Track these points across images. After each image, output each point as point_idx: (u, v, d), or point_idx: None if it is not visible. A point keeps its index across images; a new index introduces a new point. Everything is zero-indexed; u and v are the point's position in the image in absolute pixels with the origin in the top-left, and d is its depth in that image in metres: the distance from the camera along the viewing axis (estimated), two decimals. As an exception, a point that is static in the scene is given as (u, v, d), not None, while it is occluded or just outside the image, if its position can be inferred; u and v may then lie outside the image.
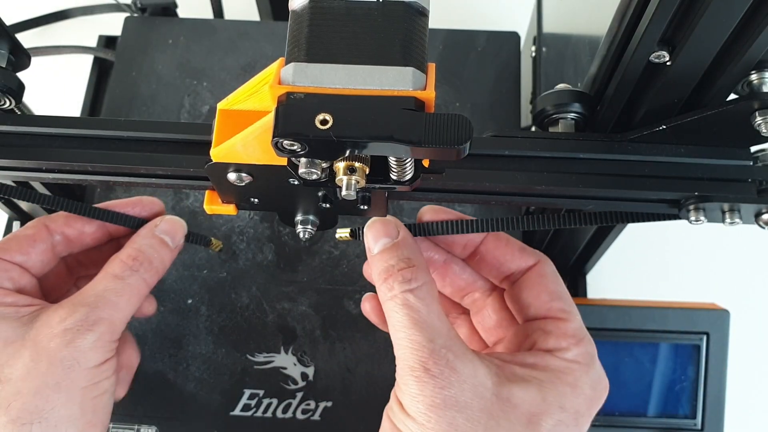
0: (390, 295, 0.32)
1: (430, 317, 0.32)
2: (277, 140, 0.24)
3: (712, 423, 0.51)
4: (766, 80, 0.31)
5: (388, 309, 0.32)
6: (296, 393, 0.48)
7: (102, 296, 0.36)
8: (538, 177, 0.33)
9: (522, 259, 0.36)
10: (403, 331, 0.32)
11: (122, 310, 0.36)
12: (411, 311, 0.32)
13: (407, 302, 0.32)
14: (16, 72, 0.38)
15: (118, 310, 0.36)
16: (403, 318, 0.32)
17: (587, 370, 0.33)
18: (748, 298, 0.64)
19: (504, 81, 0.56)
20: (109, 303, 0.36)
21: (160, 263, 0.39)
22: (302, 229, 0.35)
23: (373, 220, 0.34)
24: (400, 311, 0.32)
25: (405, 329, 0.31)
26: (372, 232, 0.34)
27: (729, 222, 0.33)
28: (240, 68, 0.58)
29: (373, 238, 0.34)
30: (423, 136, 0.23)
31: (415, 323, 0.31)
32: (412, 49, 0.25)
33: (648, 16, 0.28)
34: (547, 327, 0.34)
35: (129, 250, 0.38)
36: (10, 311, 0.36)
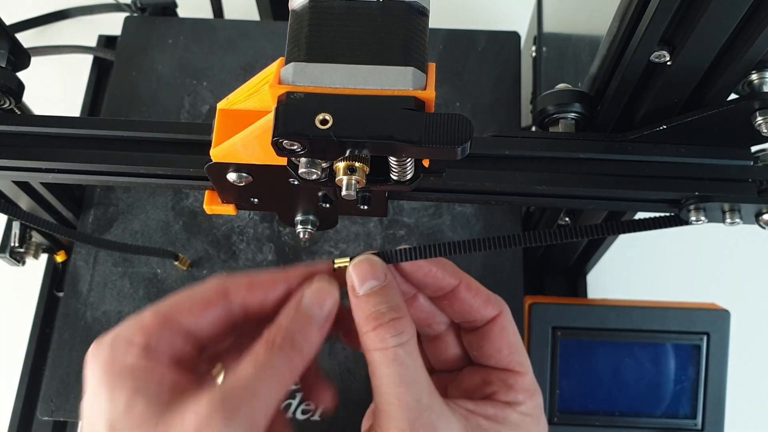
0: (380, 347, 0.32)
1: (417, 373, 0.32)
2: (277, 140, 0.24)
3: (712, 423, 0.51)
4: (766, 80, 0.31)
5: (375, 359, 0.32)
6: (296, 393, 0.48)
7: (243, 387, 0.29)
8: (538, 177, 0.33)
9: (487, 310, 0.36)
10: (392, 388, 0.31)
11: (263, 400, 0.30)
12: (401, 368, 0.31)
13: (397, 358, 0.32)
14: (16, 72, 0.38)
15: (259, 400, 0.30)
16: (393, 374, 0.31)
17: (538, 421, 0.35)
18: (748, 298, 0.64)
19: (504, 81, 0.56)
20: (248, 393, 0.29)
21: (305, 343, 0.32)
22: (302, 229, 0.35)
23: (359, 260, 0.33)
24: (390, 366, 0.31)
25: (395, 386, 0.31)
26: (358, 273, 0.33)
27: (729, 222, 0.33)
28: (240, 68, 0.58)
29: (359, 280, 0.33)
30: (423, 136, 0.23)
31: (403, 381, 0.31)
32: (413, 49, 0.25)
33: (648, 16, 0.28)
34: (507, 380, 0.35)
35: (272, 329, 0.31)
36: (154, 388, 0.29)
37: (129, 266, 0.51)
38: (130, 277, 0.51)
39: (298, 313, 0.32)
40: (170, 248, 0.51)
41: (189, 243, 0.52)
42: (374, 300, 0.32)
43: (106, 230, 0.52)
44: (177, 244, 0.52)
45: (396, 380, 0.31)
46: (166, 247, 0.51)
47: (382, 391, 0.32)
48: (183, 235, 0.52)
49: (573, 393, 0.52)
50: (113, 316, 0.50)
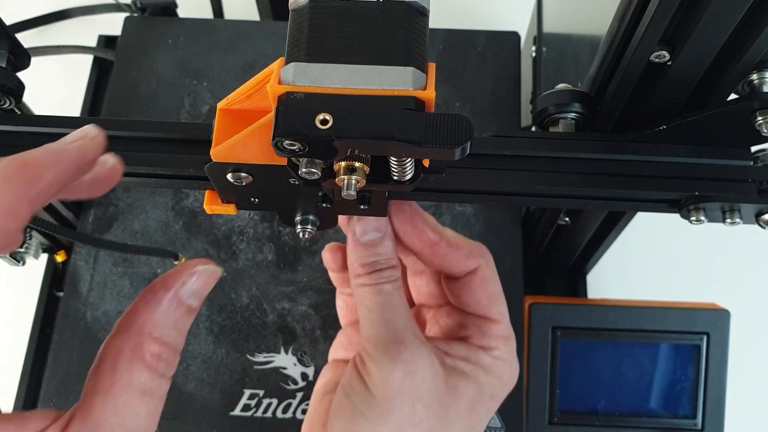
0: (372, 283, 0.33)
1: (402, 305, 0.34)
2: (278, 140, 0.24)
3: (712, 423, 0.51)
4: (766, 80, 0.31)
5: (364, 291, 0.34)
6: (296, 393, 0.48)
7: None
8: (539, 177, 0.33)
9: (468, 263, 0.36)
10: (380, 313, 0.33)
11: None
12: (389, 297, 0.33)
13: (386, 290, 0.33)
14: (16, 72, 0.38)
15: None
16: (381, 302, 0.33)
17: (510, 366, 0.36)
18: (748, 298, 0.64)
19: (504, 81, 0.56)
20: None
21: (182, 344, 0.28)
22: (302, 229, 0.35)
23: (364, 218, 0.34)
24: (379, 296, 0.33)
25: (383, 312, 0.33)
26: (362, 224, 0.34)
27: (729, 222, 0.33)
28: (240, 68, 0.58)
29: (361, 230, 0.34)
30: (423, 136, 0.23)
31: (391, 307, 0.33)
32: (413, 49, 0.25)
33: (648, 15, 0.28)
34: (482, 326, 0.36)
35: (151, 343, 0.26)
36: None
37: (129, 266, 0.51)
38: (130, 277, 0.51)
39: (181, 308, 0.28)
40: (170, 248, 0.51)
41: (189, 243, 0.52)
42: (372, 250, 0.34)
43: (106, 230, 0.52)
44: (177, 244, 0.52)
45: (384, 306, 0.33)
46: (166, 247, 0.51)
47: (371, 318, 0.33)
48: (183, 235, 0.52)
49: (573, 393, 0.52)
50: (113, 316, 0.50)
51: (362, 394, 0.33)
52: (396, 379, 0.32)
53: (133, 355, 0.25)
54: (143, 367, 0.25)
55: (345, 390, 0.34)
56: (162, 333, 0.26)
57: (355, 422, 0.32)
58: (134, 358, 0.25)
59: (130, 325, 0.26)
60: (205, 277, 0.28)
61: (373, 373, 0.32)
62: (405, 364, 0.32)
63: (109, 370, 0.25)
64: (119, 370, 0.25)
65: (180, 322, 0.27)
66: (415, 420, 0.32)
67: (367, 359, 0.33)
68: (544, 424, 0.51)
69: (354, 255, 0.34)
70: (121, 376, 0.25)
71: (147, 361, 0.25)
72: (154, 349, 0.26)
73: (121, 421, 0.24)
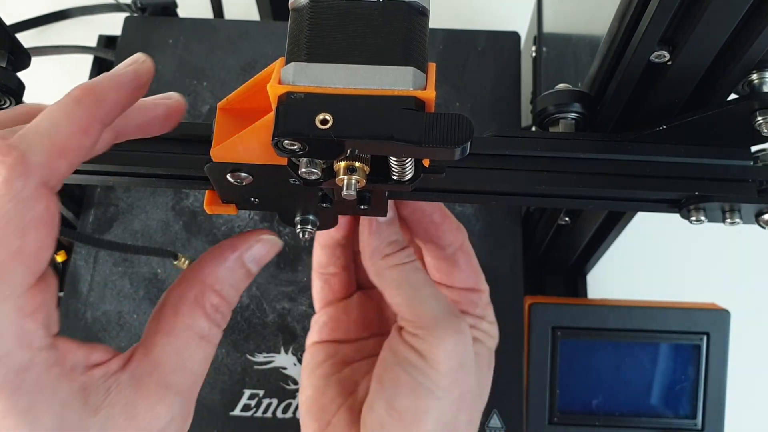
0: (404, 262, 0.35)
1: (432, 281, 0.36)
2: (278, 140, 0.24)
3: (712, 423, 0.51)
4: (766, 80, 0.31)
5: (401, 273, 0.35)
6: (296, 393, 0.48)
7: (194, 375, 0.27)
8: (539, 177, 0.33)
9: (458, 236, 0.38)
10: (426, 288, 0.34)
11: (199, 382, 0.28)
12: (425, 274, 0.35)
13: (419, 267, 0.35)
14: (16, 72, 0.38)
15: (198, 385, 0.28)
16: (422, 278, 0.35)
17: (496, 327, 0.39)
18: (748, 298, 0.64)
19: (504, 81, 0.56)
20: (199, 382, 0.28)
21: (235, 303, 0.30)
22: (302, 229, 0.35)
23: None
24: (418, 273, 0.35)
25: (428, 287, 0.35)
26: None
27: (729, 222, 0.33)
28: (240, 68, 0.58)
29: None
30: (423, 136, 0.23)
31: (431, 282, 0.35)
32: (413, 49, 0.25)
33: (648, 15, 0.28)
34: (473, 298, 0.38)
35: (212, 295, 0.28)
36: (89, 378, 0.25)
37: (129, 266, 0.51)
38: (130, 277, 0.51)
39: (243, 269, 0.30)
40: (170, 248, 0.51)
41: (189, 243, 0.52)
42: (388, 231, 0.35)
43: (106, 230, 0.52)
44: (177, 244, 0.52)
45: (428, 282, 0.35)
46: (166, 247, 0.51)
47: (420, 295, 0.34)
48: (183, 235, 0.52)
49: (573, 393, 0.52)
50: (113, 316, 0.50)
51: (425, 370, 0.34)
52: (458, 352, 0.34)
53: (195, 303, 0.28)
54: (203, 314, 0.28)
55: (404, 368, 0.34)
56: (222, 288, 0.29)
57: (422, 397, 0.34)
58: (196, 306, 0.28)
59: (195, 276, 0.28)
60: (268, 246, 0.31)
61: (437, 347, 0.33)
62: (461, 336, 0.34)
63: (171, 313, 0.27)
64: (181, 314, 0.27)
65: (238, 282, 0.29)
66: (469, 389, 0.35)
67: (425, 334, 0.34)
68: (544, 424, 0.51)
69: (378, 237, 0.35)
70: (183, 320, 0.27)
71: (207, 309, 0.28)
72: (214, 300, 0.28)
73: (180, 361, 0.26)
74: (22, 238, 0.22)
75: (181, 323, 0.27)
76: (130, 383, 0.25)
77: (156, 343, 0.27)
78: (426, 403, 0.34)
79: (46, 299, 0.23)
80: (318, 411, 0.38)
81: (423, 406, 0.34)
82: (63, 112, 0.24)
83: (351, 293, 0.42)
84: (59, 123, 0.24)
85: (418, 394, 0.34)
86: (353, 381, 0.39)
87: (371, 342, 0.41)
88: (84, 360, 0.25)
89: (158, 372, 0.26)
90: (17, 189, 0.22)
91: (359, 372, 0.39)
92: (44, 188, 0.23)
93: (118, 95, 0.26)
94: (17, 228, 0.22)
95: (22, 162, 0.22)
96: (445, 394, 0.34)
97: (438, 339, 0.34)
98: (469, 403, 0.35)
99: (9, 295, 0.22)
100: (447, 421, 0.34)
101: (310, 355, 0.40)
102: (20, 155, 0.22)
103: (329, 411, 0.37)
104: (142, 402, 0.25)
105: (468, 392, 0.35)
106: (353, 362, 0.40)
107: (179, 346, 0.27)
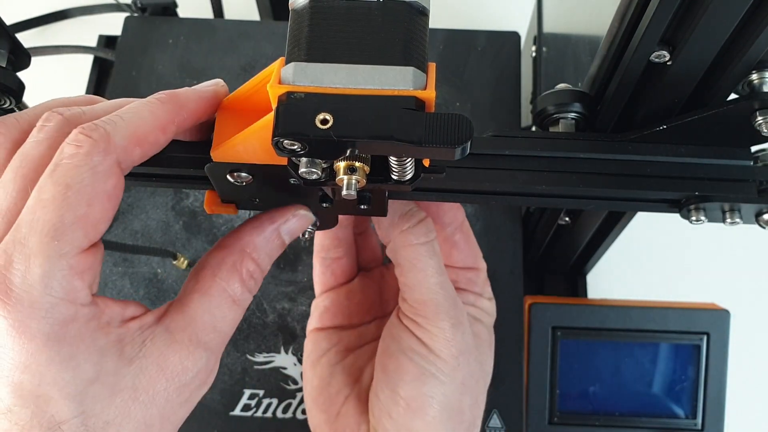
0: (423, 240, 0.35)
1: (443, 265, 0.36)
2: (278, 140, 0.24)
3: (713, 423, 0.51)
4: (766, 80, 0.31)
5: (418, 253, 0.35)
6: (296, 393, 0.48)
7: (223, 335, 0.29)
8: (538, 177, 0.33)
9: (458, 214, 0.39)
10: (436, 277, 0.35)
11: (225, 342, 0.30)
12: (438, 259, 0.35)
13: (435, 250, 0.35)
14: (16, 72, 0.38)
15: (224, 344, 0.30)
16: (435, 264, 0.35)
17: (493, 303, 0.40)
18: (748, 298, 0.64)
19: (504, 81, 0.56)
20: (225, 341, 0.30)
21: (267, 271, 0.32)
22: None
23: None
24: (433, 258, 0.35)
25: (438, 275, 0.35)
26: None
27: (729, 222, 0.33)
28: (240, 68, 0.58)
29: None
30: (423, 136, 0.23)
31: (442, 270, 0.35)
32: (413, 49, 0.25)
33: (648, 16, 0.28)
34: (471, 276, 0.39)
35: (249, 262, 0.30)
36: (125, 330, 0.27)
37: (129, 266, 0.51)
38: (130, 277, 0.51)
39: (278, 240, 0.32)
40: (170, 248, 0.51)
41: (189, 243, 0.52)
42: (404, 202, 0.35)
43: (106, 230, 0.52)
44: (177, 244, 0.52)
45: (438, 269, 0.35)
46: (166, 247, 0.51)
47: (427, 282, 0.35)
48: (183, 235, 0.52)
49: (573, 393, 0.52)
50: (113, 316, 0.50)
51: (428, 357, 0.35)
52: (460, 340, 0.35)
53: (233, 268, 0.30)
54: (238, 279, 0.30)
55: (408, 356, 0.35)
56: (259, 256, 0.31)
57: (426, 383, 0.35)
58: (233, 270, 0.30)
59: (234, 243, 0.31)
60: (303, 221, 0.33)
61: (437, 336, 0.35)
62: (461, 326, 0.35)
63: (209, 275, 0.29)
64: (219, 277, 0.29)
65: (273, 251, 0.32)
66: (472, 372, 0.36)
67: (427, 323, 0.35)
68: (544, 424, 0.51)
69: (392, 209, 0.35)
70: (219, 283, 0.29)
71: (242, 275, 0.30)
72: (251, 267, 0.30)
73: (212, 320, 0.29)
74: (89, 206, 0.25)
75: (218, 285, 0.29)
76: (164, 336, 0.27)
77: (192, 301, 0.29)
78: (431, 389, 0.34)
79: (94, 263, 0.26)
80: (325, 402, 0.38)
81: (428, 392, 0.34)
82: (148, 108, 0.27)
83: (352, 277, 0.42)
84: (144, 116, 0.27)
85: (423, 381, 0.35)
86: (358, 368, 0.39)
87: (373, 326, 0.41)
88: (119, 314, 0.27)
89: (191, 328, 0.28)
90: (95, 162, 0.25)
91: (363, 358, 0.39)
92: (117, 168, 0.26)
93: (196, 105, 0.28)
94: (87, 196, 0.25)
95: (105, 140, 0.25)
96: (449, 378, 0.35)
97: (437, 328, 0.34)
98: (472, 387, 0.36)
99: (65, 254, 0.24)
100: (452, 406, 0.35)
101: (312, 344, 0.40)
102: (105, 134, 0.25)
103: (337, 402, 0.38)
104: (174, 355, 0.27)
105: (470, 376, 0.36)
106: (356, 348, 0.40)
107: (213, 306, 0.29)
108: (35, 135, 0.26)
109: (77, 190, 0.24)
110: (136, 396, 0.26)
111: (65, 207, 0.24)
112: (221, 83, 0.30)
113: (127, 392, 0.26)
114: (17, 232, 0.24)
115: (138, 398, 0.26)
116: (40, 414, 0.24)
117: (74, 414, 0.25)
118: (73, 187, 0.24)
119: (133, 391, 0.26)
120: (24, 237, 0.24)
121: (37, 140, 0.26)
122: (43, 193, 0.24)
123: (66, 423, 0.25)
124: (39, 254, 0.24)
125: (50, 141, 0.26)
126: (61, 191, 0.24)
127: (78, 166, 0.24)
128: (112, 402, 0.25)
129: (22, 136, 0.27)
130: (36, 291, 0.24)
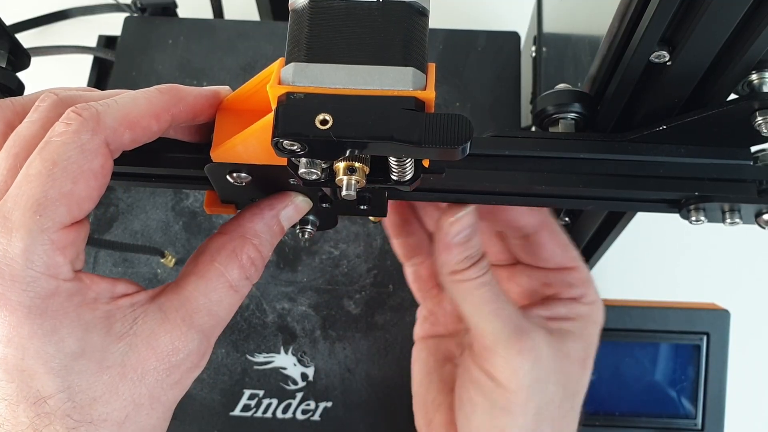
0: (473, 276, 0.34)
1: (501, 293, 0.34)
2: (277, 140, 0.24)
3: (713, 423, 0.51)
4: (766, 80, 0.31)
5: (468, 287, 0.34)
6: (296, 393, 0.48)
7: (218, 318, 0.29)
8: (538, 177, 0.33)
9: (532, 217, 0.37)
10: (489, 305, 0.33)
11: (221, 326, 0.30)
12: (491, 288, 0.34)
13: (486, 281, 0.34)
14: (16, 72, 0.38)
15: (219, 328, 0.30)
16: (486, 293, 0.33)
17: (600, 306, 0.37)
18: (748, 298, 0.64)
19: (504, 81, 0.56)
20: (220, 326, 0.29)
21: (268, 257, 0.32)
22: (302, 230, 0.35)
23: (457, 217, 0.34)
24: (482, 288, 0.33)
25: (491, 303, 0.33)
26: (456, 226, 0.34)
27: (729, 222, 0.33)
28: (240, 68, 0.58)
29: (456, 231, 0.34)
30: (423, 137, 0.23)
31: (497, 298, 0.34)
32: (413, 49, 0.25)
33: (648, 16, 0.28)
34: (566, 278, 0.37)
35: (250, 248, 0.30)
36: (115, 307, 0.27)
37: (129, 266, 0.51)
38: (130, 277, 0.51)
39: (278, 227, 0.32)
40: (170, 248, 0.51)
41: (189, 243, 0.52)
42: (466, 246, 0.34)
43: (106, 230, 0.52)
44: (177, 244, 0.52)
45: (491, 299, 0.33)
46: (166, 248, 0.51)
47: (482, 313, 0.33)
48: (183, 235, 0.52)
49: (573, 393, 0.52)
50: (113, 316, 0.50)
51: (495, 390, 0.33)
52: (527, 369, 0.33)
53: (232, 253, 0.30)
54: (238, 266, 0.29)
55: (476, 387, 0.34)
56: (260, 242, 0.30)
57: (497, 417, 0.33)
58: (233, 256, 0.30)
59: (235, 230, 0.31)
60: (302, 207, 0.32)
61: (501, 368, 0.33)
62: (530, 353, 0.33)
63: (208, 260, 0.29)
64: (217, 261, 0.29)
65: (273, 237, 0.31)
66: (550, 399, 0.34)
67: (489, 355, 0.33)
68: (544, 424, 0.51)
69: (447, 255, 0.34)
70: (217, 267, 0.29)
71: (242, 261, 0.30)
72: (252, 254, 0.30)
73: (207, 303, 0.28)
74: (74, 183, 0.25)
75: (215, 270, 0.29)
76: (156, 315, 0.27)
77: (188, 283, 0.28)
78: (502, 422, 0.33)
79: (77, 240, 0.26)
80: (422, 407, 0.38)
81: (499, 425, 0.33)
82: (145, 96, 0.27)
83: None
84: (138, 102, 0.27)
85: (493, 414, 0.33)
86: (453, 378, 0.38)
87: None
88: (108, 291, 0.27)
89: (185, 308, 0.28)
90: (83, 140, 0.25)
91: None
92: (105, 148, 0.26)
93: (195, 100, 0.28)
94: (73, 173, 0.25)
95: (94, 119, 0.25)
96: (521, 409, 0.33)
97: (502, 359, 0.33)
98: (552, 412, 0.34)
99: (47, 229, 0.24)
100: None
101: (416, 351, 0.40)
102: (95, 114, 0.25)
103: (431, 409, 0.37)
104: (165, 335, 0.27)
105: (548, 403, 0.34)
106: (455, 357, 0.39)
107: (209, 289, 0.29)
108: (30, 116, 0.27)
109: (63, 167, 0.24)
110: (124, 373, 0.26)
111: (50, 182, 0.24)
112: (227, 87, 0.30)
113: (115, 369, 0.26)
114: (2, 206, 0.24)
115: (126, 375, 0.26)
116: (25, 388, 0.24)
117: (59, 389, 0.25)
118: (60, 163, 0.24)
119: (122, 368, 0.26)
120: (8, 211, 0.24)
121: (31, 120, 0.26)
122: (30, 169, 0.24)
123: (52, 398, 0.25)
124: (21, 228, 0.24)
125: (43, 121, 0.26)
126: (47, 167, 0.24)
127: (66, 143, 0.25)
128: (99, 378, 0.25)
129: (17, 118, 0.27)
130: (17, 264, 0.24)
